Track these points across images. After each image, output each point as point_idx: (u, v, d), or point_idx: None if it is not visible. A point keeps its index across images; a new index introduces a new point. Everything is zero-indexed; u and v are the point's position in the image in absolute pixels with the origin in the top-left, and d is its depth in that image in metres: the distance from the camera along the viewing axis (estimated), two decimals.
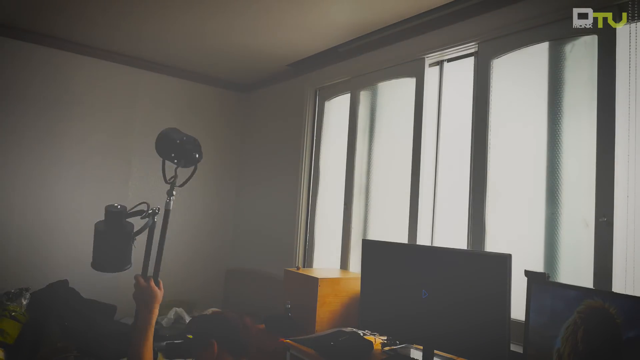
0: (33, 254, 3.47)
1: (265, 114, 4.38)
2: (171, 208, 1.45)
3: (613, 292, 1.82)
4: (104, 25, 3.30)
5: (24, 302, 2.95)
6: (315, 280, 2.67)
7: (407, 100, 2.92)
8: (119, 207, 1.39)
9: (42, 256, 3.49)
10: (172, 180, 1.44)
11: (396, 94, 3.06)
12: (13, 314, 2.83)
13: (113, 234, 1.38)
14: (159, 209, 1.43)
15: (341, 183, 3.38)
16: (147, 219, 1.40)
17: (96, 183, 3.76)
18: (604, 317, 1.54)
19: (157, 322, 3.47)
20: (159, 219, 1.44)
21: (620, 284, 1.90)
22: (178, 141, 1.44)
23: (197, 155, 1.46)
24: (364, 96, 3.29)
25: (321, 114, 3.75)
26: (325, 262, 3.52)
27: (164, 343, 3.07)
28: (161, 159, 1.47)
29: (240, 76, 4.32)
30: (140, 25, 3.24)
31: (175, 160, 1.45)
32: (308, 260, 3.66)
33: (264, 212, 4.16)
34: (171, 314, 3.54)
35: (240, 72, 4.20)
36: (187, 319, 3.53)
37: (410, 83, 2.92)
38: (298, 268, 3.06)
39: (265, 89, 4.39)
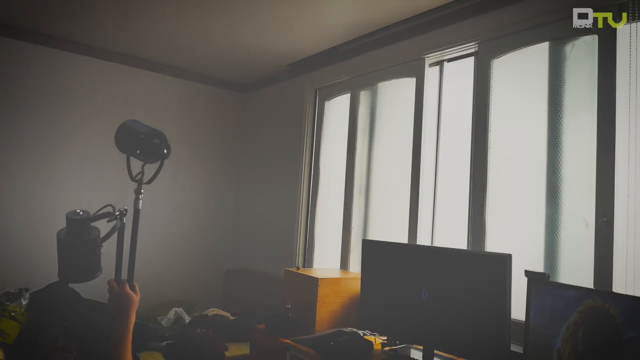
0: (33, 254, 3.46)
1: (265, 114, 4.38)
2: (140, 207, 1.34)
3: (613, 292, 1.83)
4: (103, 26, 3.29)
5: (24, 302, 2.95)
6: (315, 280, 2.67)
7: (407, 100, 2.92)
8: (80, 213, 1.27)
9: (41, 256, 3.47)
10: (139, 177, 1.34)
11: (396, 94, 3.06)
12: (12, 314, 2.82)
13: (77, 243, 1.27)
14: (126, 210, 1.32)
15: (341, 183, 3.38)
16: (114, 222, 1.30)
17: (97, 183, 3.75)
18: (604, 317, 1.54)
19: (157, 322, 3.48)
20: (128, 220, 1.33)
21: (621, 284, 1.90)
22: (142, 135, 1.34)
23: (165, 151, 1.34)
24: (364, 96, 3.29)
25: (321, 114, 3.75)
26: (325, 262, 3.51)
27: (164, 343, 3.07)
28: (125, 155, 1.37)
29: (240, 76, 4.32)
30: (140, 25, 3.24)
31: (142, 157, 1.34)
32: (308, 260, 3.66)
33: (264, 212, 4.15)
34: (171, 314, 3.54)
35: (240, 72, 4.20)
36: (187, 319, 3.52)
37: (410, 83, 2.92)
38: (298, 268, 3.05)
39: (265, 89, 4.39)
